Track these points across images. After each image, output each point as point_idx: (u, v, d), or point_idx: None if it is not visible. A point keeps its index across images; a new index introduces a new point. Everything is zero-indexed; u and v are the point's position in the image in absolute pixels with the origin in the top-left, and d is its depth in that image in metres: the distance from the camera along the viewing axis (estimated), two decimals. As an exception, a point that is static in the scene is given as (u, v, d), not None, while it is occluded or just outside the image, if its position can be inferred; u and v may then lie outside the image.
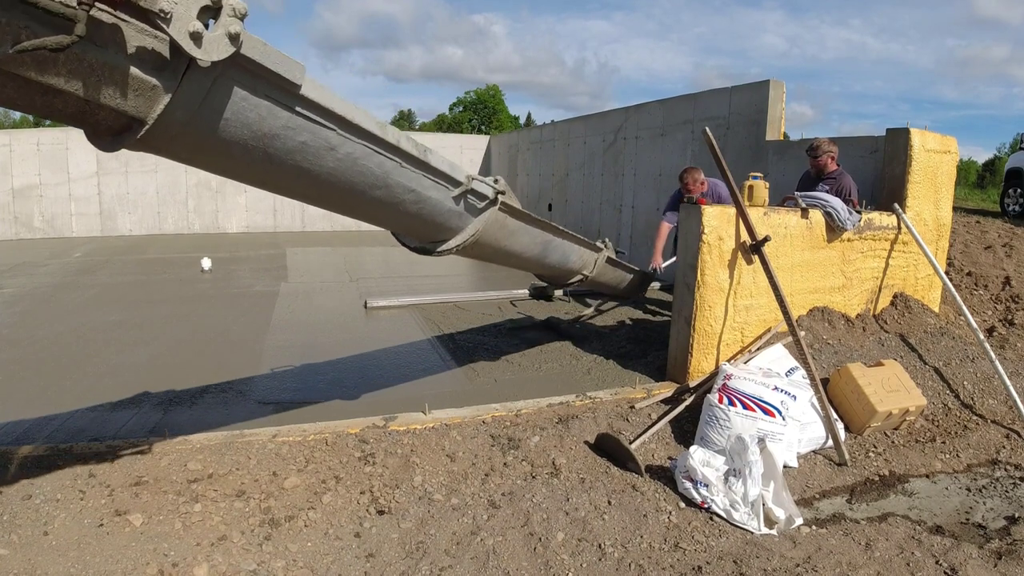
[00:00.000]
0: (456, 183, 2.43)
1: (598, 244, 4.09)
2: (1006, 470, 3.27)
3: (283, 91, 1.73)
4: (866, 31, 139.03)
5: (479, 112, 49.36)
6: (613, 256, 4.31)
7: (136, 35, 1.49)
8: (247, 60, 1.59)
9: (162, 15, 1.40)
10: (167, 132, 1.62)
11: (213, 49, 1.48)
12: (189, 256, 9.40)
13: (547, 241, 3.22)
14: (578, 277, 3.98)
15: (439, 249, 2.68)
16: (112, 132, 1.67)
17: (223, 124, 1.68)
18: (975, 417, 3.72)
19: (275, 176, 1.97)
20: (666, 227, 5.51)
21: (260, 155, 1.82)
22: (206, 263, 8.28)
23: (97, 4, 1.33)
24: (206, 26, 1.48)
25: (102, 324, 5.42)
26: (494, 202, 2.68)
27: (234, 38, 1.50)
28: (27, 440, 3.04)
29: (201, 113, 1.63)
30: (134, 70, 1.50)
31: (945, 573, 2.34)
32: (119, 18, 1.46)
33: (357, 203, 2.27)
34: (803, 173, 4.92)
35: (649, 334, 5.03)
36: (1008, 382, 3.78)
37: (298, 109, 1.79)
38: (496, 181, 2.69)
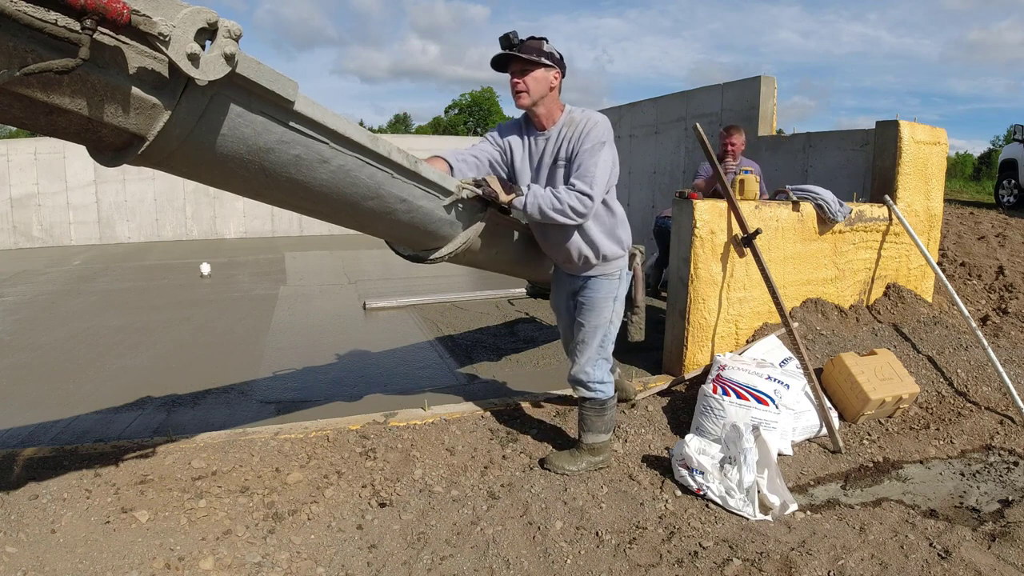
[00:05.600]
0: (447, 192, 2.46)
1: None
2: (1000, 455, 3.31)
3: (277, 107, 1.79)
4: (881, 25, 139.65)
5: (474, 114, 49.45)
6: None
7: (137, 56, 1.55)
8: (242, 79, 1.64)
9: (161, 38, 1.46)
10: (167, 148, 1.69)
11: (210, 69, 1.54)
12: (188, 262, 9.45)
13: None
14: None
15: (431, 257, 2.72)
16: (113, 148, 1.74)
17: (220, 139, 1.74)
18: (969, 404, 3.76)
19: (271, 189, 2.03)
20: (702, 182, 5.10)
21: (256, 168, 1.88)
22: (205, 268, 8.32)
23: (100, 28, 1.38)
24: (203, 47, 1.53)
25: (103, 329, 5.46)
26: (484, 210, 2.71)
27: (230, 58, 1.56)
28: (32, 442, 3.08)
29: (199, 129, 1.69)
30: (135, 89, 1.55)
31: (939, 555, 2.37)
32: (121, 41, 1.51)
33: (351, 213, 2.32)
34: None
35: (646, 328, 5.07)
36: (1002, 369, 3.82)
37: (292, 124, 1.84)
38: None
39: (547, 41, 2.49)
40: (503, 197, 2.48)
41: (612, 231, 2.67)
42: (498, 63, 2.50)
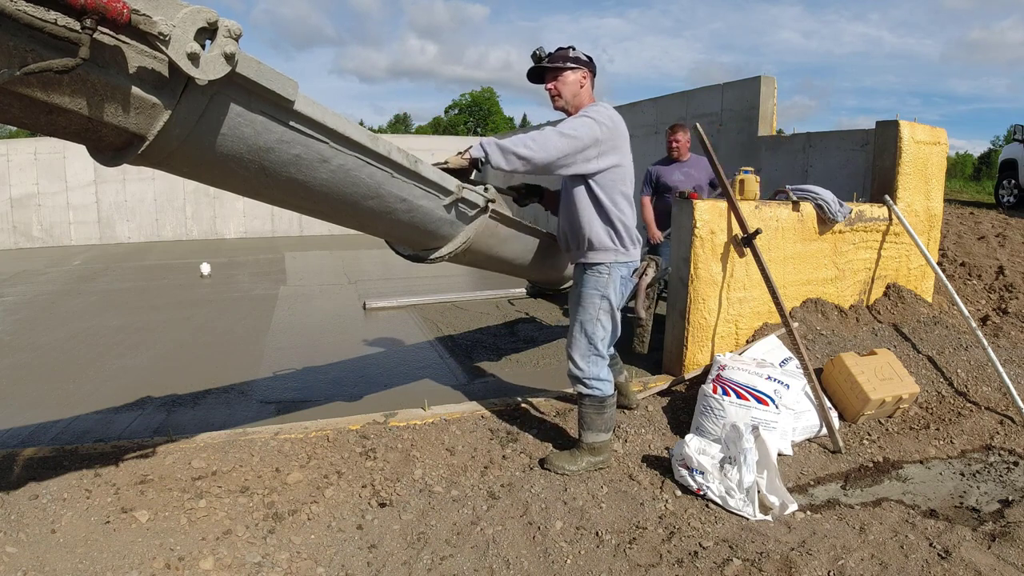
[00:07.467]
0: (446, 192, 2.47)
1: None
2: (1000, 455, 3.31)
3: (277, 107, 1.79)
4: (883, 25, 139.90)
5: (474, 114, 49.47)
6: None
7: (137, 56, 1.55)
8: (242, 78, 1.65)
9: (161, 37, 1.46)
10: (167, 147, 1.69)
11: (210, 69, 1.54)
12: (188, 262, 9.45)
13: (541, 248, 3.26)
14: (570, 283, 3.93)
15: (431, 256, 2.73)
16: (114, 148, 1.73)
17: (220, 139, 1.74)
18: (968, 404, 3.76)
19: (271, 188, 2.03)
20: (648, 199, 5.14)
21: (256, 168, 1.88)
22: (205, 268, 8.33)
23: (100, 28, 1.38)
24: (203, 46, 1.53)
25: (104, 329, 5.46)
26: (484, 210, 2.72)
27: (230, 58, 1.56)
28: (33, 442, 3.08)
29: (199, 128, 1.69)
30: (135, 89, 1.55)
31: (939, 555, 2.37)
32: (120, 40, 1.51)
33: (351, 213, 2.32)
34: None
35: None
36: (1001, 369, 3.81)
37: (292, 123, 1.85)
38: (486, 189, 2.72)
39: (574, 48, 2.74)
40: (454, 161, 2.56)
41: (605, 219, 2.77)
42: (534, 77, 2.78)
